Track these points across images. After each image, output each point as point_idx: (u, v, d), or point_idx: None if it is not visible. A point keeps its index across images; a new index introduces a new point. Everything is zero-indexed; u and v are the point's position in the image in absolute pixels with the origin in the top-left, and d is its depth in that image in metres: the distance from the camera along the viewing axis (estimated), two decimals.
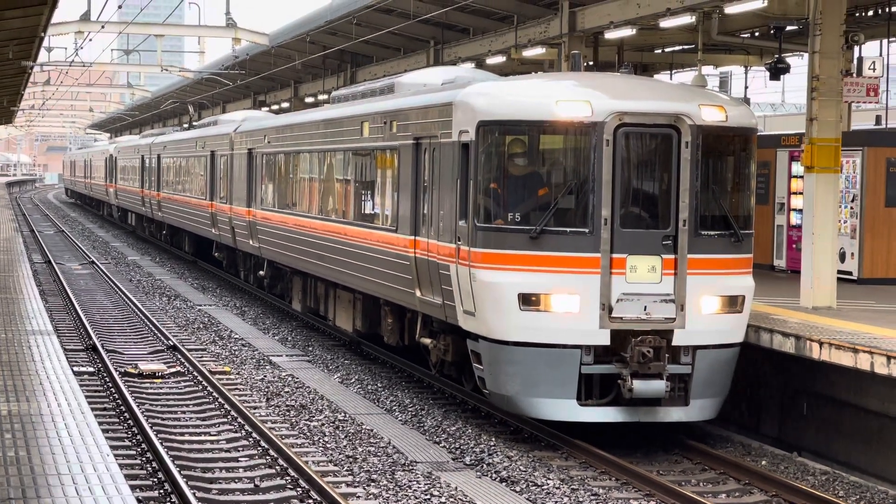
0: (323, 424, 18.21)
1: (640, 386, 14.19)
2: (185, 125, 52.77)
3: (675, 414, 14.82)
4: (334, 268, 22.78)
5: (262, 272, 30.33)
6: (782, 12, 27.72)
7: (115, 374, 20.89)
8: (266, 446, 16.38)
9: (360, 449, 16.71)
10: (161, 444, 15.88)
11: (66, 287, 35.31)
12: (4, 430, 11.27)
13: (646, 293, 14.54)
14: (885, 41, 30.86)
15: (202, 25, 49.42)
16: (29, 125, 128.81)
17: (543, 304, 14.61)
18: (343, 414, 19.04)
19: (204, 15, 52.72)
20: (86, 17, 38.52)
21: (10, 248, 34.41)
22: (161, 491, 13.83)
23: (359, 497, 14.07)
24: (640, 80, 20.28)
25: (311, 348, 26.26)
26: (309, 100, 51.25)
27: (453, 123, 16.00)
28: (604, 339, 14.44)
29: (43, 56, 45.92)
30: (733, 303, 15.07)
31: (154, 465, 15.01)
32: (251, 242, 30.29)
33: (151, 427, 16.93)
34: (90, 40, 44.08)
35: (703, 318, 14.75)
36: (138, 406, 18.44)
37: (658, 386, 14.30)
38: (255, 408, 19.01)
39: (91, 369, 21.93)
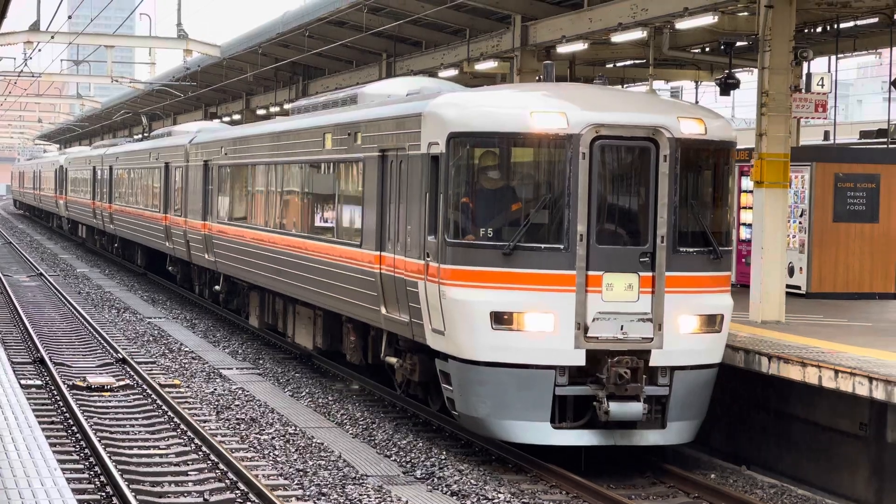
0: (273, 438, 18.25)
1: (617, 408, 13.69)
2: (138, 136, 52.81)
3: (651, 437, 14.32)
4: (295, 283, 22.09)
5: (217, 287, 29.70)
6: (732, 28, 28.49)
7: (63, 388, 20.86)
8: (216, 460, 16.32)
9: (311, 462, 16.69)
10: (109, 457, 15.88)
11: (13, 299, 35.20)
12: None
13: (623, 312, 14.03)
14: (833, 57, 31.57)
15: (153, 37, 49.99)
16: None
17: (516, 322, 14.00)
18: (293, 427, 19.08)
19: (155, 26, 52.90)
20: (35, 28, 38.38)
21: None
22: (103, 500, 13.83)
23: None
24: (616, 92, 20.11)
25: (261, 361, 26.34)
26: (261, 112, 51.54)
27: (422, 135, 15.42)
28: (579, 359, 13.91)
29: None
30: (712, 322, 14.57)
31: (102, 479, 14.98)
32: (207, 256, 29.53)
33: (100, 441, 16.88)
34: (39, 50, 44.57)
35: (681, 338, 14.23)
36: (86, 420, 18.36)
37: (635, 408, 13.81)
38: (204, 421, 19.00)
39: (39, 382, 21.98)
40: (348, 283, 18.43)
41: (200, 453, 16.93)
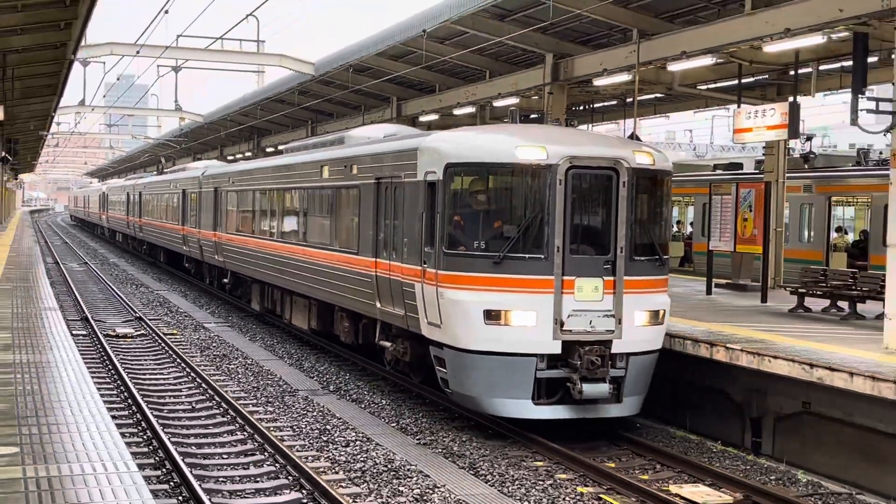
0: (237, 367, 19.79)
1: (589, 388, 13.43)
2: (156, 172, 59.83)
3: (612, 410, 14.07)
4: (293, 279, 21.84)
5: (226, 280, 30.07)
6: (529, 106, 29.28)
7: (100, 336, 22.32)
8: (200, 381, 17.74)
9: (261, 382, 18.22)
10: (130, 380, 17.14)
11: (68, 279, 37.80)
12: (25, 372, 11.88)
13: (591, 309, 13.68)
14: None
15: (159, 109, 60.92)
16: (44, 173, 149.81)
17: (505, 319, 13.55)
18: (251, 360, 20.68)
19: (160, 101, 60.58)
20: (82, 103, 44.89)
21: (31, 253, 35.78)
22: (130, 410, 15.27)
23: (259, 413, 15.44)
24: (579, 132, 19.91)
25: (231, 318, 27.99)
26: (230, 158, 60.88)
27: (418, 165, 15.02)
28: (556, 348, 13.58)
29: (53, 128, 53.79)
30: (656, 316, 14.36)
31: (125, 394, 16.28)
32: (217, 257, 30.19)
33: (124, 370, 18.22)
34: (84, 117, 53.67)
35: (635, 330, 13.98)
36: (115, 356, 19.74)
37: (603, 388, 13.59)
38: (192, 356, 20.59)
39: (84, 332, 23.33)
40: (345, 281, 18.28)
41: (190, 377, 18.37)
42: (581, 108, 31.10)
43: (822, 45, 19.19)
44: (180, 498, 10.92)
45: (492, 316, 13.54)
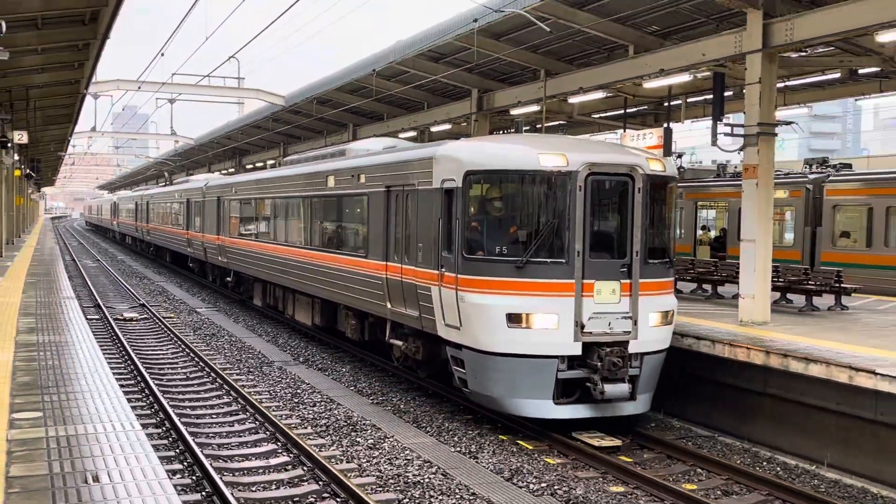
0: (223, 343, 19.57)
1: (610, 389, 11.55)
2: (163, 183, 60.54)
3: (628, 408, 12.03)
4: (296, 279, 19.31)
5: (229, 278, 27.49)
6: (458, 131, 29.31)
7: (110, 319, 22.14)
8: (192, 355, 17.54)
9: (243, 355, 18.05)
10: (136, 355, 17.04)
11: (83, 272, 37.19)
12: (47, 350, 11.77)
13: (609, 312, 11.73)
14: None
15: (158, 133, 61.45)
16: (62, 186, 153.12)
17: (527, 322, 11.53)
18: (235, 337, 20.48)
19: (158, 127, 62.55)
20: (93, 129, 45.35)
21: (52, 253, 35.08)
22: (135, 380, 15.12)
23: (242, 380, 15.38)
24: (589, 141, 16.66)
25: (218, 304, 27.50)
26: (223, 172, 63.28)
27: (434, 174, 12.84)
28: (577, 350, 11.62)
29: (69, 149, 54.53)
30: (666, 316, 12.36)
31: (131, 367, 16.11)
32: (220, 258, 27.40)
33: (131, 347, 18.05)
34: (95, 141, 56.40)
35: (648, 330, 12.00)
36: (123, 336, 19.55)
37: (623, 388, 11.66)
38: (186, 335, 20.37)
39: (97, 317, 23.05)
40: (353, 283, 15.91)
41: (184, 352, 18.19)
42: (501, 132, 30.71)
43: (689, 82, 19.68)
44: (178, 450, 10.85)
45: (514, 319, 11.57)
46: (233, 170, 56.55)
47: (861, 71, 19.17)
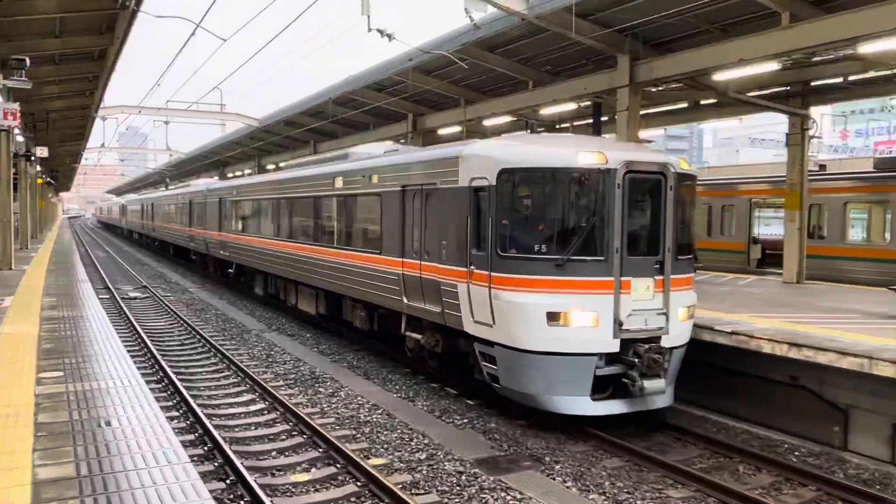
0: (210, 316, 19.22)
1: (650, 384, 9.45)
2: (161, 189, 58.12)
3: (658, 401, 9.87)
4: (305, 273, 16.48)
5: (230, 270, 24.49)
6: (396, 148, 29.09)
7: (119, 298, 21.60)
8: (189, 327, 16.97)
9: (228, 326, 17.62)
10: (139, 325, 16.77)
11: (95, 261, 36.15)
12: (66, 322, 11.43)
13: (645, 308, 9.67)
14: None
15: (155, 149, 59.62)
16: (77, 191, 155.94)
17: (567, 320, 9.35)
18: (220, 311, 20.07)
19: (156, 143, 61.21)
20: (102, 145, 43.98)
21: (69, 246, 33.79)
22: (138, 346, 14.68)
23: (227, 345, 15.04)
24: (614, 141, 13.22)
25: (206, 285, 26.85)
26: (203, 179, 59.09)
27: (460, 172, 10.47)
28: (615, 347, 9.52)
29: (82, 162, 53.15)
30: (690, 311, 10.23)
31: (136, 335, 15.69)
32: (222, 252, 24.40)
33: (136, 320, 17.64)
34: (103, 154, 53.55)
35: (677, 325, 9.94)
36: (129, 311, 19.13)
37: (661, 383, 9.57)
38: (181, 311, 19.82)
39: (107, 296, 22.55)
40: (363, 277, 13.49)
41: (181, 325, 17.66)
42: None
43: (574, 109, 19.91)
44: (175, 401, 10.70)
45: (554, 317, 9.38)
46: (216, 177, 55.41)
47: (702, 102, 19.57)
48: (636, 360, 9.47)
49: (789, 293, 14.87)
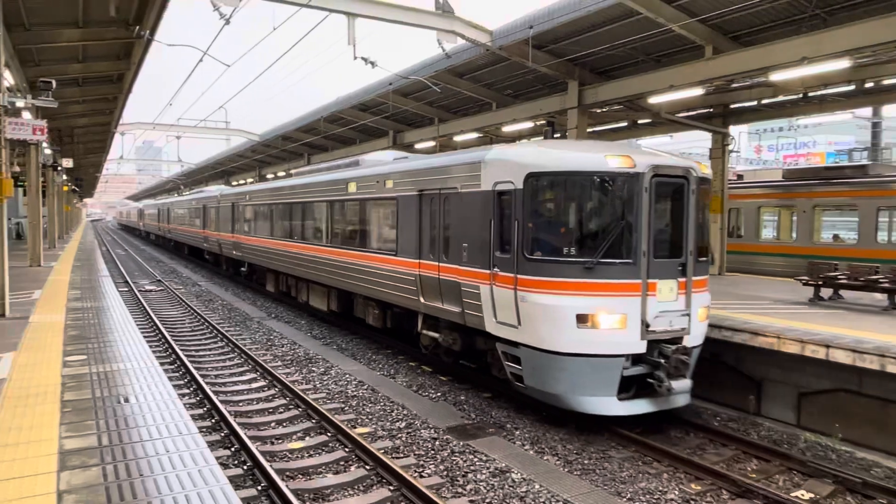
0: (218, 306, 18.73)
1: (677, 384, 8.34)
2: (175, 195, 56.67)
3: (679, 400, 8.67)
4: (318, 273, 14.95)
5: (243, 268, 22.75)
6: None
7: (136, 291, 21.23)
8: (199, 315, 16.65)
9: (232, 314, 17.32)
10: (153, 314, 16.48)
11: (115, 258, 35.36)
12: (90, 312, 11.20)
13: (670, 310, 8.53)
14: None
15: (169, 160, 57.43)
16: (98, 197, 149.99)
17: (595, 321, 8.20)
18: (226, 302, 19.57)
19: (169, 155, 59.86)
20: (121, 157, 42.92)
21: (92, 245, 32.77)
22: (154, 333, 14.45)
23: (232, 331, 14.79)
24: (628, 146, 10.25)
25: (214, 279, 26.04)
26: (214, 186, 58.23)
27: (483, 177, 9.29)
28: (642, 348, 8.38)
29: (104, 172, 53.03)
30: (707, 311, 9.02)
31: (151, 323, 15.50)
32: (235, 252, 22.62)
33: (150, 308, 17.47)
34: (122, 165, 52.83)
35: (697, 325, 8.82)
36: (146, 302, 18.86)
37: (687, 383, 8.46)
38: (191, 301, 19.50)
39: (126, 289, 22.05)
40: (378, 277, 12.08)
41: (191, 314, 17.27)
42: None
43: (532, 127, 19.96)
44: (186, 380, 10.51)
45: (583, 319, 8.23)
46: (223, 184, 54.63)
47: (639, 121, 19.63)
48: (662, 360, 8.42)
49: (712, 284, 14.85)
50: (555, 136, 11.67)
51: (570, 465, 7.49)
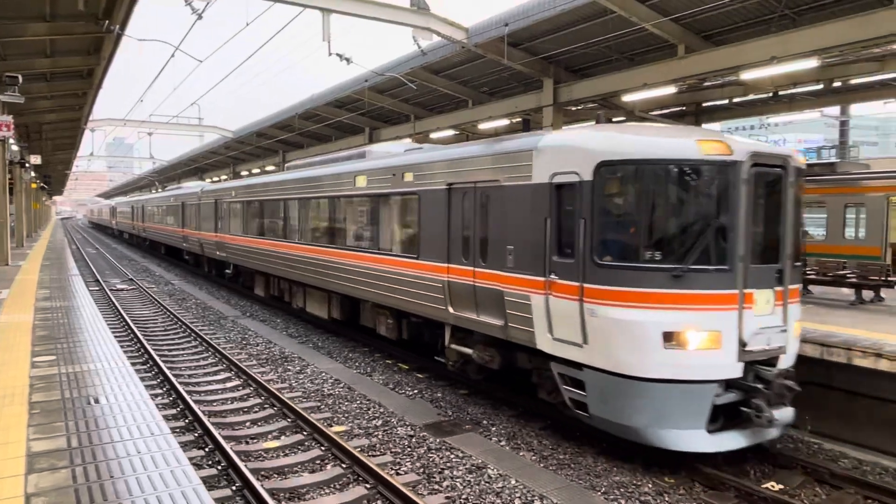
0: (191, 305, 18.59)
1: (780, 415, 6.84)
2: (150, 191, 54.95)
3: (773, 431, 7.13)
4: (316, 276, 13.35)
5: (228, 270, 20.80)
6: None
7: (107, 290, 20.83)
8: (172, 314, 16.50)
9: (206, 312, 17.13)
10: (126, 314, 16.26)
11: (85, 257, 34.65)
12: (59, 311, 10.93)
13: (768, 326, 7.01)
14: None
15: (140, 157, 56.29)
16: (68, 195, 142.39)
17: (684, 340, 6.67)
18: (199, 300, 19.43)
19: (140, 152, 58.91)
20: (91, 154, 42.30)
21: (62, 243, 32.01)
22: (125, 332, 14.23)
23: (205, 330, 14.56)
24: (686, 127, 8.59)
25: (188, 278, 25.73)
26: (192, 182, 57.19)
27: (535, 167, 7.70)
28: (738, 372, 6.86)
29: (73, 169, 51.67)
30: (800, 326, 7.56)
31: (123, 322, 15.27)
32: (218, 253, 20.77)
33: (122, 308, 17.25)
34: (92, 162, 51.79)
35: (793, 342, 7.31)
36: (117, 300, 18.70)
37: (790, 413, 6.94)
38: (164, 301, 19.21)
39: (97, 289, 21.60)
40: (395, 283, 10.45)
41: (164, 313, 17.04)
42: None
43: (509, 125, 20.06)
44: (158, 380, 10.37)
45: (670, 338, 6.71)
46: (197, 181, 54.05)
47: (614, 119, 19.78)
48: (761, 385, 6.94)
49: None
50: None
51: (546, 461, 7.52)
